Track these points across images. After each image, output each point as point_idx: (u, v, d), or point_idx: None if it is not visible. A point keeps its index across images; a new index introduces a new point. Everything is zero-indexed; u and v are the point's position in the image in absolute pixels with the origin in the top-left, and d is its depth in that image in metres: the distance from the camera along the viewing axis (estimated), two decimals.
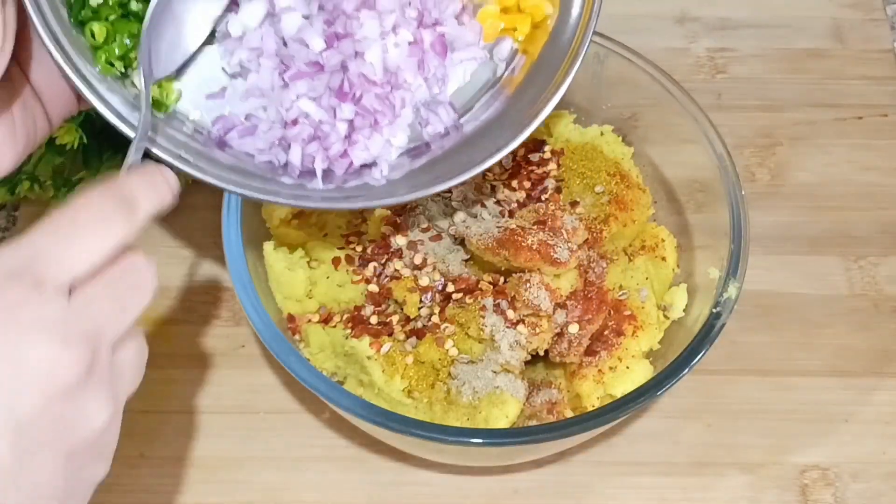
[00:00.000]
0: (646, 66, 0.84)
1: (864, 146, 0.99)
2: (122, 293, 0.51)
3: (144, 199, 0.53)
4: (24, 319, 0.47)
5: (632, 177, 0.86)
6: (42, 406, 0.47)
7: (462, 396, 0.74)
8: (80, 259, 0.50)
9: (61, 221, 0.50)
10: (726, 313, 0.74)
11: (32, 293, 0.48)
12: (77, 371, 0.48)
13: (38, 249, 0.49)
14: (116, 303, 0.51)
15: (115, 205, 0.51)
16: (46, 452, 0.47)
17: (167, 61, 0.65)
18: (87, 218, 0.50)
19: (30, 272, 0.48)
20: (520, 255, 0.76)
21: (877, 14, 1.07)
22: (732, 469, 0.82)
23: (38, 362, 0.47)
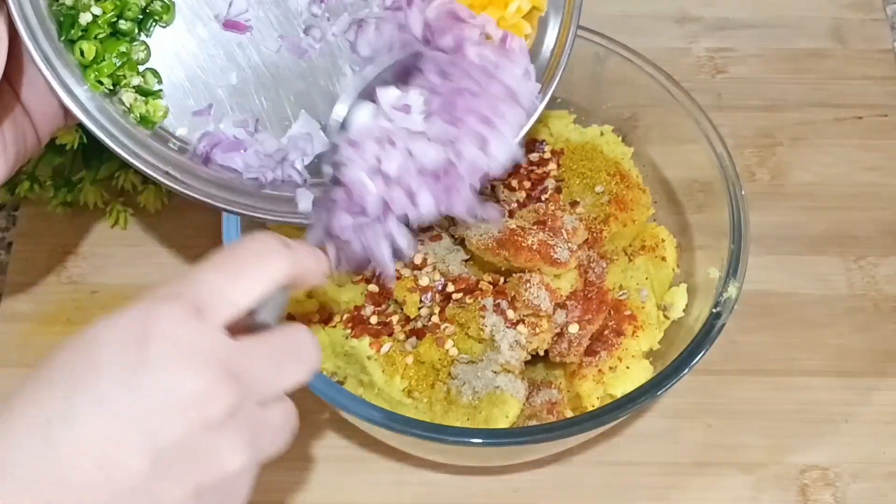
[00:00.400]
0: (646, 66, 0.84)
1: (864, 146, 0.99)
2: (282, 357, 0.51)
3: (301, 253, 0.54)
4: (183, 341, 0.47)
5: (632, 177, 0.86)
6: (183, 433, 0.47)
7: (462, 396, 0.75)
8: (242, 294, 0.50)
9: (224, 257, 0.51)
10: (726, 313, 0.74)
11: (193, 318, 0.48)
12: (224, 408, 0.47)
13: (200, 280, 0.50)
14: (275, 363, 0.51)
15: (276, 246, 0.52)
16: (177, 481, 0.47)
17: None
18: (249, 254, 0.51)
19: (192, 297, 0.49)
20: (520, 255, 0.76)
21: (877, 14, 1.07)
22: (732, 469, 0.82)
23: (189, 388, 0.47)
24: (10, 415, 0.46)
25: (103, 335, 0.48)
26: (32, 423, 0.46)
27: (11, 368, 0.85)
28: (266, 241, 0.52)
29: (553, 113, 0.89)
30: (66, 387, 0.46)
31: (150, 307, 0.48)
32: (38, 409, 0.46)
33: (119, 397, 0.46)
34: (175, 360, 0.47)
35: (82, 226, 0.93)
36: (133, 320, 0.48)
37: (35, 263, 0.91)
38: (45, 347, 0.85)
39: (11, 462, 0.45)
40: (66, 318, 0.88)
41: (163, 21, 0.67)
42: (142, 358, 0.47)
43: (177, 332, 0.47)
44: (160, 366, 0.47)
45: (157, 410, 0.46)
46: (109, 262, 0.91)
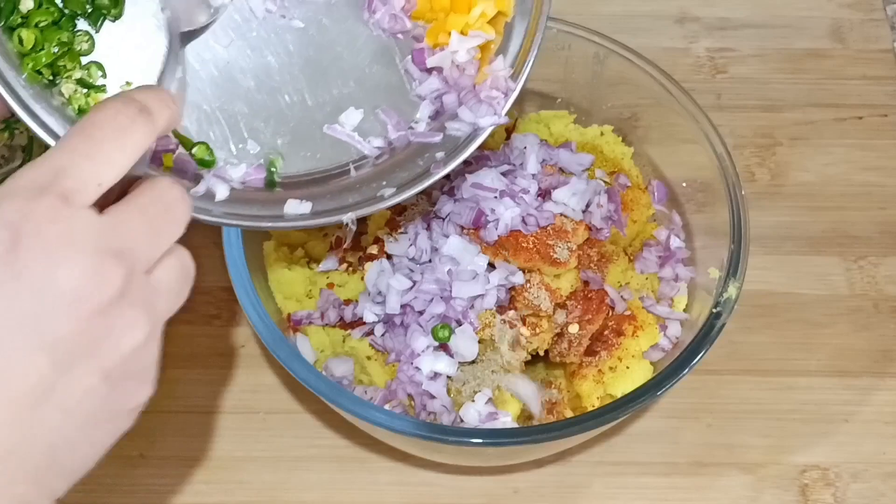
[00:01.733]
0: (646, 66, 0.84)
1: (864, 146, 0.99)
2: (155, 215, 0.50)
3: (159, 109, 0.51)
4: (52, 234, 0.46)
5: (632, 177, 0.86)
6: (75, 325, 0.46)
7: (462, 396, 0.75)
8: (105, 170, 0.49)
9: (80, 136, 0.49)
10: (726, 313, 0.74)
11: (61, 208, 0.46)
12: (110, 290, 0.47)
13: (60, 164, 0.48)
14: (149, 224, 0.50)
15: (134, 112, 0.50)
16: (81, 370, 0.46)
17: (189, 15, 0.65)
18: (106, 128, 0.49)
19: (55, 186, 0.47)
20: (520, 255, 0.76)
21: (877, 14, 1.07)
22: (732, 469, 0.82)
23: (70, 279, 0.46)
24: None
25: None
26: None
27: None
28: (122, 110, 0.50)
29: (553, 113, 0.90)
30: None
31: (14, 206, 0.46)
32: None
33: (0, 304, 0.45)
34: (50, 254, 0.46)
35: None
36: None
37: None
38: None
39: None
40: None
41: (111, 15, 0.66)
42: (15, 260, 0.45)
43: (46, 226, 0.46)
44: (36, 264, 0.45)
45: (44, 309, 0.45)
46: None
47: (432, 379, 0.74)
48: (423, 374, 0.74)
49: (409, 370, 0.74)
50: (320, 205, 0.66)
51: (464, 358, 0.75)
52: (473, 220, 0.77)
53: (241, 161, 0.67)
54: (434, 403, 0.74)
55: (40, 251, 0.46)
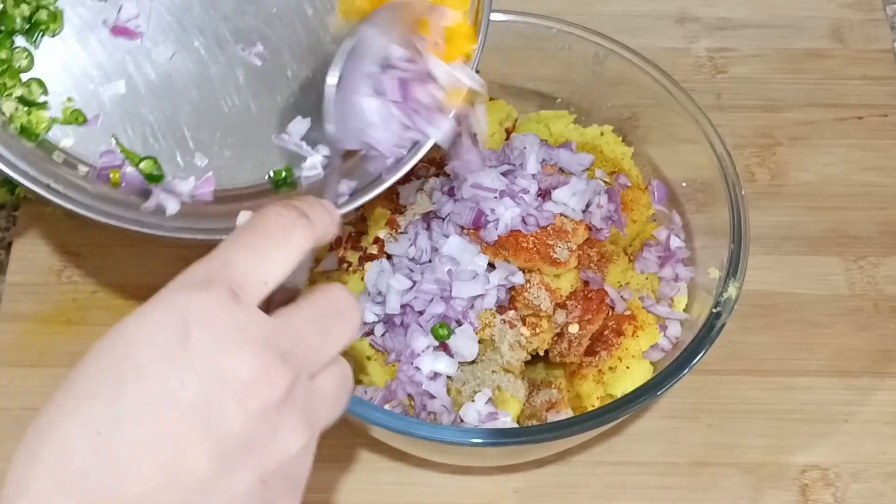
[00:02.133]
0: (646, 66, 0.84)
1: (864, 146, 0.99)
2: (325, 320, 0.49)
3: (316, 214, 0.51)
4: (224, 326, 0.45)
5: (632, 177, 0.86)
6: (241, 421, 0.45)
7: (462, 396, 0.75)
8: (271, 268, 0.48)
9: (246, 233, 0.49)
10: (726, 313, 0.74)
11: (232, 301, 0.46)
12: (279, 390, 0.45)
13: (229, 259, 0.47)
14: (319, 328, 0.49)
15: (295, 216, 0.50)
16: (242, 470, 0.45)
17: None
18: (270, 227, 0.49)
19: (225, 279, 0.46)
20: (520, 255, 0.76)
21: (877, 14, 1.07)
22: (732, 469, 0.82)
23: (241, 374, 0.45)
24: (55, 432, 0.44)
25: (138, 332, 0.45)
26: (81, 438, 0.43)
27: (11, 368, 0.85)
28: (284, 213, 0.50)
29: (553, 113, 0.90)
30: (109, 394, 0.44)
31: (183, 296, 0.46)
32: (84, 422, 0.44)
33: (168, 394, 0.44)
34: (221, 346, 0.45)
35: (82, 226, 0.93)
36: (168, 312, 0.45)
37: (35, 263, 0.91)
38: (45, 347, 0.86)
39: (68, 480, 0.43)
40: (66, 318, 0.88)
41: (50, 31, 0.66)
42: (185, 350, 0.44)
43: (217, 317, 0.45)
44: (206, 354, 0.44)
45: (211, 401, 0.44)
46: (109, 262, 0.91)
47: (432, 379, 0.74)
48: (423, 374, 0.74)
49: (409, 370, 0.74)
50: None
51: (464, 358, 0.75)
52: (473, 220, 0.77)
53: (190, 174, 0.67)
54: (434, 403, 0.74)
55: (211, 342, 0.45)
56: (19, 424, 0.83)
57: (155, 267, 0.90)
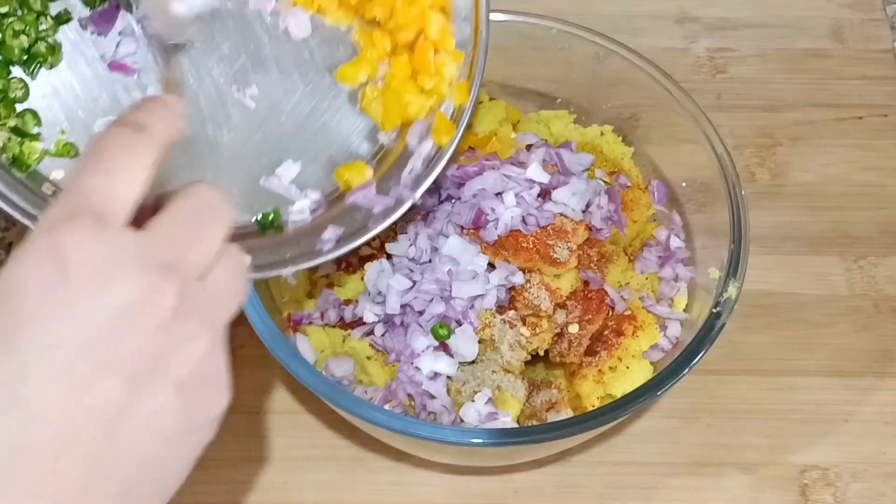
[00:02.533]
0: (646, 66, 0.84)
1: (864, 146, 0.99)
2: (195, 219, 0.50)
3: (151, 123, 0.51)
4: (98, 256, 0.45)
5: (632, 177, 0.86)
6: (139, 343, 0.45)
7: (462, 396, 0.75)
8: (126, 186, 0.48)
9: (90, 159, 0.49)
10: (726, 313, 0.74)
11: (98, 228, 0.46)
12: (168, 301, 0.46)
13: (84, 187, 0.48)
14: (191, 230, 0.49)
15: (131, 131, 0.50)
16: (153, 387, 0.46)
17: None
18: (111, 148, 0.49)
19: (85, 210, 0.47)
20: (520, 255, 0.76)
21: (877, 14, 1.07)
22: (732, 469, 0.82)
23: (125, 298, 0.45)
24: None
25: (16, 279, 0.45)
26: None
27: None
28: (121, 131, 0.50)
29: (553, 113, 0.90)
30: (3, 347, 0.44)
31: (52, 235, 0.46)
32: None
33: (63, 334, 0.44)
34: (101, 276, 0.45)
35: None
36: (41, 254, 0.46)
37: None
38: None
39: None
40: None
41: (48, 63, 0.66)
42: (68, 286, 0.45)
43: (90, 248, 0.45)
44: (89, 288, 0.45)
45: (106, 332, 0.45)
46: None
47: (432, 379, 0.74)
48: (423, 374, 0.74)
49: (409, 370, 0.74)
50: (259, 258, 0.65)
51: (464, 358, 0.75)
52: (473, 220, 0.77)
53: None
54: (434, 403, 0.74)
55: (90, 275, 0.45)
56: None
57: None
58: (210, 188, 0.51)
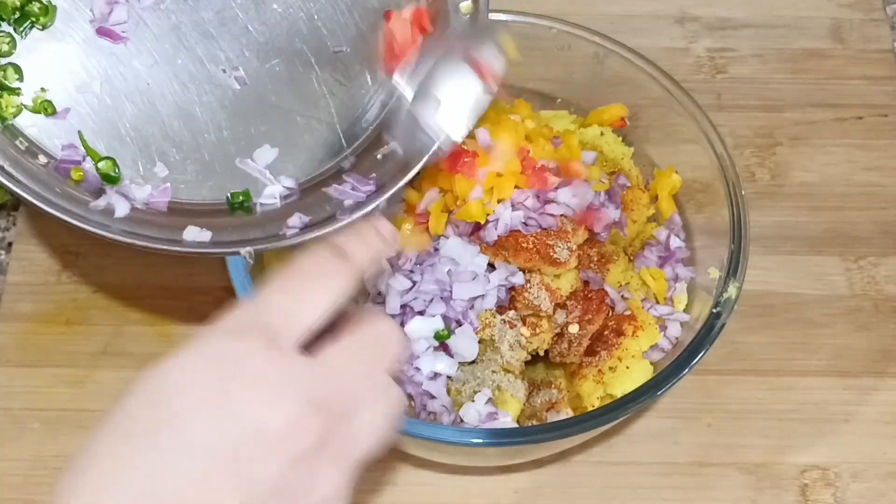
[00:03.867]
0: (646, 66, 0.84)
1: (864, 146, 0.99)
2: (367, 357, 0.50)
3: (357, 252, 0.52)
4: (265, 375, 0.46)
5: (632, 177, 0.86)
6: (275, 470, 0.45)
7: (462, 396, 0.75)
8: (313, 312, 0.49)
9: (286, 278, 0.50)
10: (726, 313, 0.74)
11: (270, 348, 0.47)
12: (311, 438, 0.46)
13: (269, 304, 0.48)
14: (360, 368, 0.49)
15: (333, 259, 0.51)
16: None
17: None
18: (309, 273, 0.50)
19: (264, 325, 0.47)
20: (520, 255, 0.76)
21: (877, 14, 1.07)
22: (732, 469, 0.82)
23: (277, 424, 0.46)
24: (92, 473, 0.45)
25: (180, 377, 0.46)
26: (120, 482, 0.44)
27: (11, 368, 0.85)
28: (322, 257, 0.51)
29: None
30: (149, 438, 0.45)
31: (223, 343, 0.46)
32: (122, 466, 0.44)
33: (207, 442, 0.45)
34: (260, 396, 0.45)
35: None
36: (207, 359, 0.46)
37: (35, 263, 0.91)
38: (45, 347, 0.86)
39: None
40: (66, 318, 0.88)
41: (40, 23, 0.66)
42: (226, 398, 0.45)
43: (258, 366, 0.46)
44: (246, 404, 0.45)
45: (247, 450, 0.45)
46: (109, 262, 0.91)
47: (432, 379, 0.74)
48: (423, 374, 0.74)
49: (409, 370, 0.74)
50: (221, 235, 0.66)
51: (464, 358, 0.75)
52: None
53: (147, 182, 0.67)
54: (434, 403, 0.74)
55: (252, 391, 0.45)
56: (20, 424, 0.83)
57: (155, 267, 0.90)
58: (389, 322, 0.52)
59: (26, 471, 0.80)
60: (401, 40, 0.71)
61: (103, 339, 0.86)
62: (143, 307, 0.88)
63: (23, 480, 0.80)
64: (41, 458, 0.81)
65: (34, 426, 0.83)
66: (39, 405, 0.84)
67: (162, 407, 0.45)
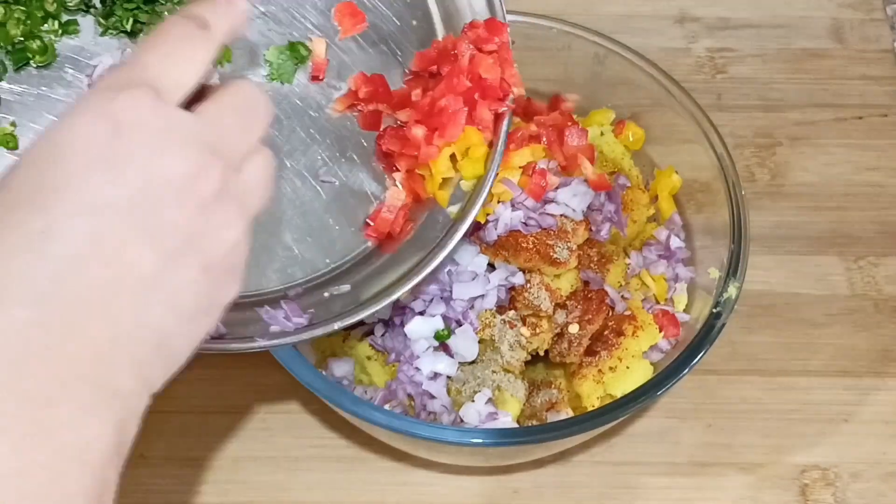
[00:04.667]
0: (646, 66, 0.84)
1: (864, 146, 0.99)
2: (244, 113, 0.50)
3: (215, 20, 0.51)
4: (154, 126, 0.45)
5: (632, 177, 0.86)
6: (179, 217, 0.45)
7: (462, 396, 0.75)
8: (185, 70, 0.49)
9: (155, 40, 0.49)
10: (726, 313, 0.74)
11: (156, 101, 0.46)
12: (213, 184, 0.47)
13: (146, 63, 0.48)
14: (240, 121, 0.50)
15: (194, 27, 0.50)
16: (185, 263, 0.46)
17: None
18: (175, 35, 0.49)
19: (146, 81, 0.47)
20: (520, 255, 0.76)
21: (877, 14, 1.07)
22: (732, 469, 0.82)
23: (177, 171, 0.45)
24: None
25: (67, 137, 0.45)
26: (19, 245, 0.43)
27: None
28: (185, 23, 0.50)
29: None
30: (44, 199, 0.44)
31: (109, 99, 0.46)
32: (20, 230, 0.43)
33: (105, 195, 0.44)
34: (154, 146, 0.45)
35: None
36: (95, 116, 0.45)
37: None
38: None
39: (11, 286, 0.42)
40: None
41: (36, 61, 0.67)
42: (117, 150, 0.45)
43: (146, 118, 0.45)
44: (140, 156, 0.45)
45: (150, 199, 0.45)
46: None
47: (432, 379, 0.74)
48: (423, 374, 0.74)
49: (409, 370, 0.74)
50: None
51: (464, 358, 0.75)
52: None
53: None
54: (434, 403, 0.74)
55: (144, 141, 0.45)
56: None
57: None
58: (255, 87, 0.52)
59: None
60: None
61: None
62: None
63: None
64: None
65: None
66: None
67: (54, 170, 0.44)
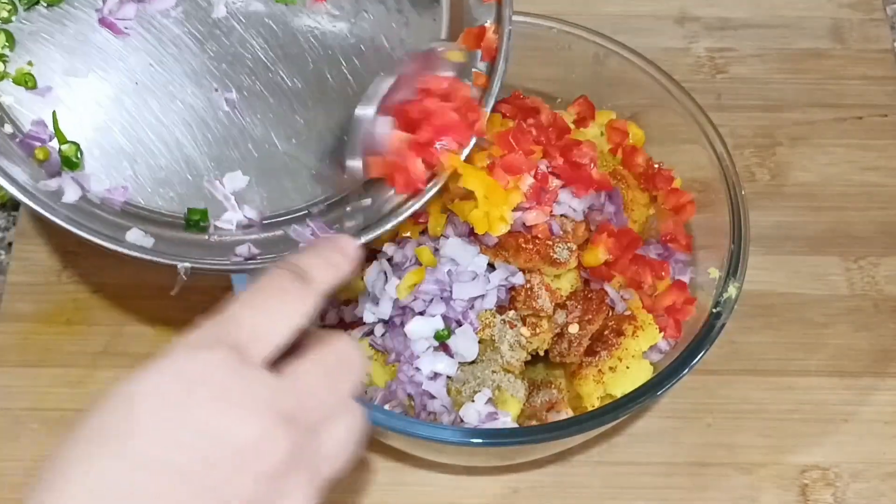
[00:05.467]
0: (646, 66, 0.84)
1: (864, 146, 0.99)
2: (331, 373, 0.49)
3: (318, 273, 0.51)
4: (228, 389, 0.45)
5: (632, 177, 0.86)
6: (240, 485, 0.44)
7: (462, 396, 0.75)
8: (277, 326, 0.48)
9: (253, 294, 0.49)
10: (726, 313, 0.74)
11: (236, 361, 0.46)
12: (280, 454, 0.45)
13: (233, 318, 0.48)
14: (324, 382, 0.49)
15: (291, 279, 0.50)
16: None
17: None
18: (269, 292, 0.49)
19: (231, 339, 0.46)
20: (520, 255, 0.76)
21: (877, 14, 1.07)
22: (732, 469, 0.82)
23: (244, 438, 0.44)
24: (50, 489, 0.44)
25: (139, 390, 0.45)
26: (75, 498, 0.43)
27: (11, 368, 0.85)
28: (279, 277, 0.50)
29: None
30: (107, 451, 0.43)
31: (187, 356, 0.46)
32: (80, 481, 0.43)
33: (166, 456, 0.43)
34: (221, 408, 0.44)
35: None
36: (170, 371, 0.45)
37: (35, 263, 0.91)
38: (45, 347, 0.86)
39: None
40: (66, 318, 0.88)
41: (48, 0, 0.67)
42: (186, 410, 0.44)
43: (221, 377, 0.45)
44: (205, 416, 0.44)
45: (211, 464, 0.44)
46: (109, 262, 0.90)
47: (432, 379, 0.74)
48: (423, 374, 0.74)
49: (409, 370, 0.74)
50: (164, 246, 0.66)
51: (464, 358, 0.75)
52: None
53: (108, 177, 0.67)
54: (434, 403, 0.74)
55: (214, 404, 0.44)
56: (20, 424, 0.83)
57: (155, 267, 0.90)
58: (352, 343, 0.51)
59: (26, 471, 0.80)
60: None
61: (103, 339, 0.87)
62: (143, 307, 0.88)
63: (23, 480, 0.80)
64: (41, 459, 0.81)
65: (34, 426, 0.83)
66: (39, 405, 0.84)
67: (119, 420, 0.44)
